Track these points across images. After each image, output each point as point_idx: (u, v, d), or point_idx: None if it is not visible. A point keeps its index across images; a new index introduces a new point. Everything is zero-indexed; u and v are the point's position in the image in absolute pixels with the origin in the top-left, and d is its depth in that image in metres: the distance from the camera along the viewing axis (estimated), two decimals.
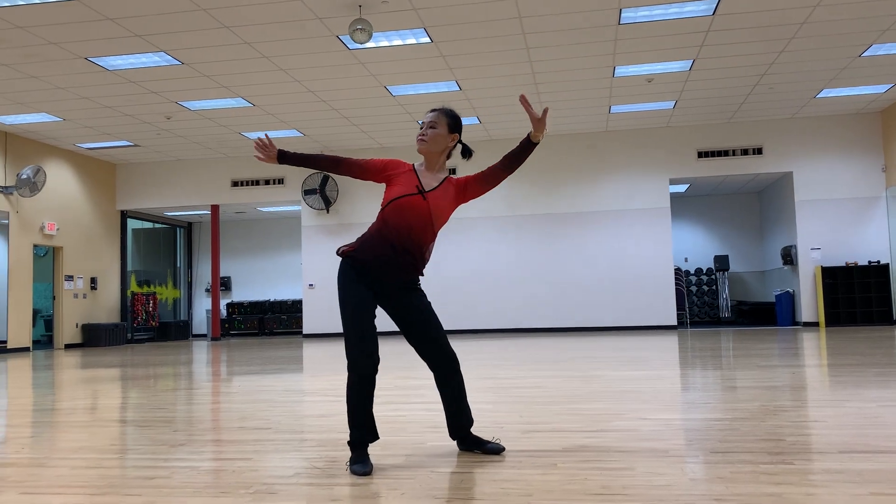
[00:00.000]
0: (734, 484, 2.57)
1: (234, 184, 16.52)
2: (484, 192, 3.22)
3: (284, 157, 3.24)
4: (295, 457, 3.28)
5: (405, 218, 3.10)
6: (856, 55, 10.83)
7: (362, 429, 3.05)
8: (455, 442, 3.34)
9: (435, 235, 3.18)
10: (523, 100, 3.03)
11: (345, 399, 3.21)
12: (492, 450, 3.21)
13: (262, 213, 18.85)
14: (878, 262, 14.05)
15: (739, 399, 4.64)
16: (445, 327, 15.46)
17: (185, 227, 19.97)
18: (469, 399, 5.03)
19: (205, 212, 17.66)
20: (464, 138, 15.57)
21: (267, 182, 16.38)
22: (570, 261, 15.11)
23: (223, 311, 19.47)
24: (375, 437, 3.11)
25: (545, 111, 3.06)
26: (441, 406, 4.73)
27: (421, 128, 3.22)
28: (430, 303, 3.25)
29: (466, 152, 3.28)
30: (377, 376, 3.23)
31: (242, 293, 20.00)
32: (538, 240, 15.28)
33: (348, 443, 3.07)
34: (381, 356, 9.59)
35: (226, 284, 19.90)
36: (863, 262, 14.15)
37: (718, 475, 2.71)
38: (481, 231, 15.48)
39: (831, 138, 14.40)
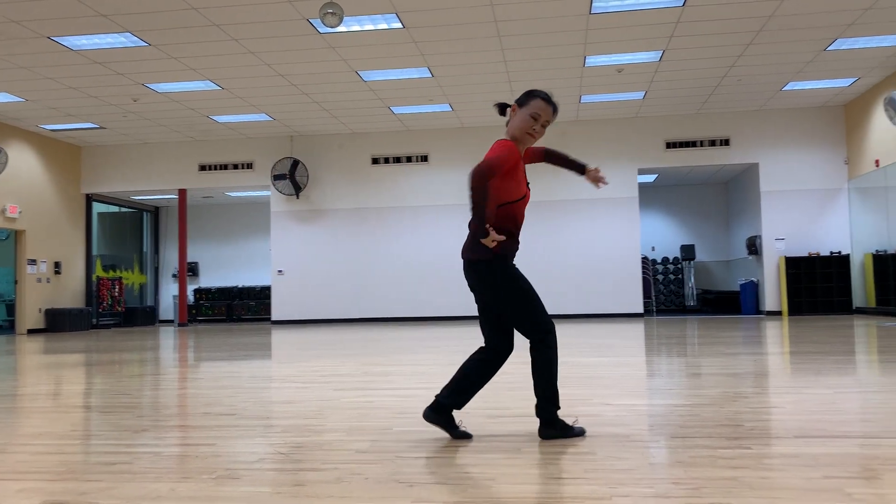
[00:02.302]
0: (692, 468, 2.62)
1: (202, 168, 16.31)
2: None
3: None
4: (260, 442, 3.27)
5: (523, 212, 3.28)
6: (821, 49, 11.00)
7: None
8: (424, 412, 3.26)
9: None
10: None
11: (462, 369, 3.27)
12: (459, 436, 3.23)
13: (230, 197, 18.66)
14: (840, 252, 14.35)
15: (702, 385, 4.72)
16: (413, 315, 15.48)
17: (151, 211, 19.70)
18: (441, 384, 5.06)
19: (172, 196, 17.43)
20: (435, 125, 15.58)
21: (236, 167, 16.21)
22: (539, 249, 15.20)
23: (190, 297, 19.27)
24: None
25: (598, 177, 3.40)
26: (412, 392, 4.76)
27: (536, 122, 3.18)
28: None
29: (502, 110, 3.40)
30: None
31: (210, 279, 19.80)
32: None
33: (556, 408, 3.19)
34: (353, 341, 9.58)
35: (193, 270, 19.69)
36: (825, 252, 14.44)
37: (678, 459, 2.76)
38: (451, 218, 15.48)
39: (796, 131, 14.63)
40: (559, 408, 3.21)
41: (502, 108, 3.34)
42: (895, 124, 11.51)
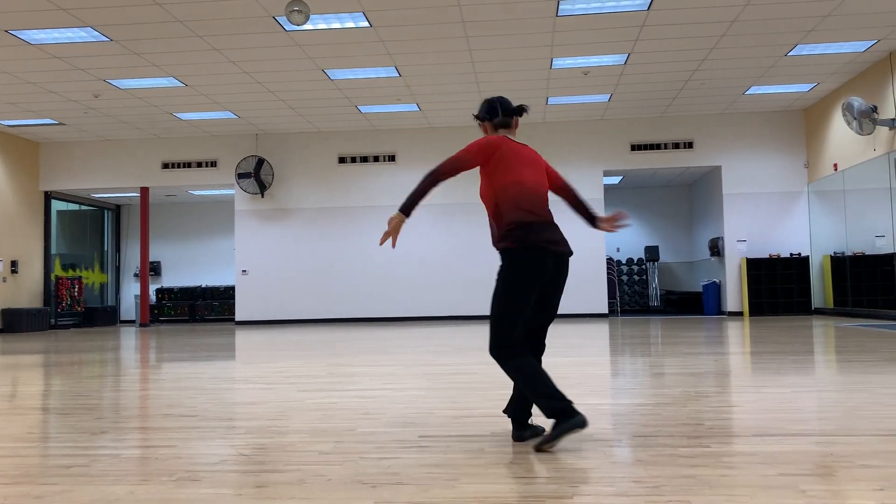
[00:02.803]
0: (653, 466, 2.66)
1: (165, 166, 16.07)
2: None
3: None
4: (221, 444, 3.23)
5: None
6: (782, 54, 11.21)
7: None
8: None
9: (490, 209, 3.25)
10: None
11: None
12: (568, 428, 3.05)
13: (193, 196, 18.41)
14: (799, 254, 14.64)
15: (664, 385, 4.78)
16: (380, 315, 15.43)
17: (113, 209, 19.35)
18: (405, 385, 5.06)
19: (134, 194, 17.15)
20: (402, 125, 15.54)
21: (199, 165, 15.99)
22: None
23: (152, 297, 18.98)
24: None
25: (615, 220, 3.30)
26: (377, 393, 4.75)
27: None
28: (497, 282, 3.15)
29: (517, 112, 3.36)
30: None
31: (173, 279, 19.52)
32: (476, 229, 15.38)
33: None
34: (315, 342, 9.51)
35: (155, 269, 19.39)
36: (785, 254, 14.72)
37: (639, 458, 2.79)
38: (420, 219, 15.47)
39: (758, 134, 14.90)
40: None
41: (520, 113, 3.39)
42: (853, 129, 11.78)
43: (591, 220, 3.43)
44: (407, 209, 3.05)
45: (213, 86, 12.26)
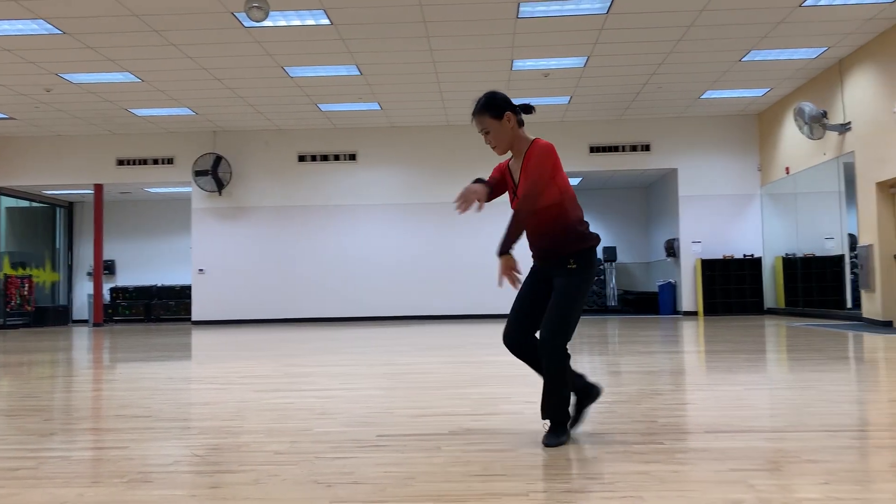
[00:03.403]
0: (607, 463, 2.69)
1: (120, 163, 15.75)
2: None
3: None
4: (175, 445, 3.19)
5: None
6: (737, 59, 11.45)
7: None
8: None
9: (553, 211, 3.18)
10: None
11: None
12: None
13: (149, 193, 18.07)
14: (752, 255, 14.96)
15: (620, 383, 4.85)
16: (339, 315, 15.33)
17: (65, 206, 18.90)
18: (364, 385, 5.04)
19: (88, 191, 16.77)
20: (363, 124, 15.45)
21: (155, 162, 15.71)
22: (468, 249, 15.30)
23: (106, 296, 18.59)
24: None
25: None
26: (334, 393, 4.72)
27: (485, 139, 3.32)
28: (565, 291, 3.10)
29: (527, 110, 3.28)
30: (519, 355, 3.44)
31: (128, 278, 19.14)
32: (437, 228, 15.39)
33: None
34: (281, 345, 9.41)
35: (109, 268, 18.99)
36: (738, 255, 15.03)
37: (594, 455, 2.83)
38: (381, 218, 15.42)
39: (713, 138, 15.19)
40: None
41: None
42: (804, 134, 12.08)
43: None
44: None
45: (170, 82, 12.06)
